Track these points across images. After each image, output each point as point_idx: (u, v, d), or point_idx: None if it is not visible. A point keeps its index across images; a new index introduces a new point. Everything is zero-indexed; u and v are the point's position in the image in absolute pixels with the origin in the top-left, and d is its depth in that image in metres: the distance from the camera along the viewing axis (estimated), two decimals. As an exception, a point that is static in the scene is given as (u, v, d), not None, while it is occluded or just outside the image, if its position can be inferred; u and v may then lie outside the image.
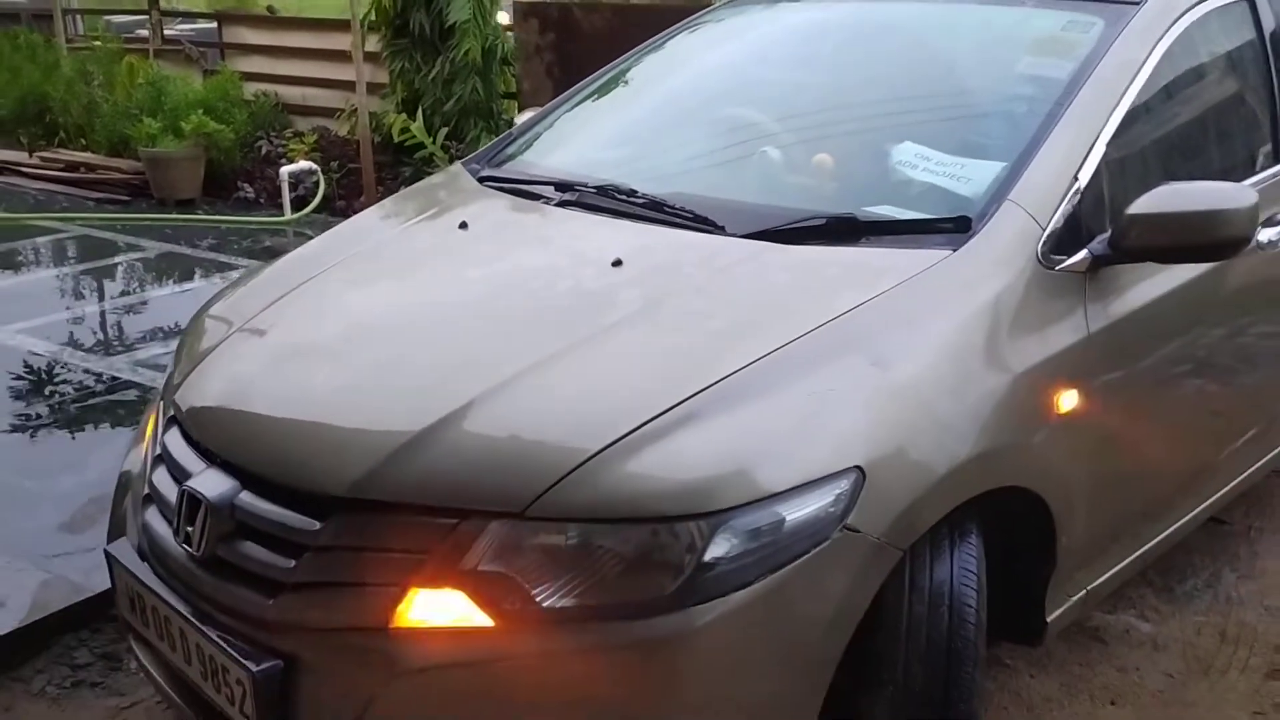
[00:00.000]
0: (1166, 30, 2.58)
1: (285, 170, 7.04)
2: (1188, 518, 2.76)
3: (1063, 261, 2.23)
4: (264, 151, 8.05)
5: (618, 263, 2.27)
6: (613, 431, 1.82)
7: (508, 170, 2.93)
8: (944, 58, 2.83)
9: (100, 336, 5.00)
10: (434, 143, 6.62)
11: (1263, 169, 2.84)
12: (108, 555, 2.25)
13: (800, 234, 2.28)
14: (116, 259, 6.24)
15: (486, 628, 1.78)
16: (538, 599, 1.76)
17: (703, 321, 2.09)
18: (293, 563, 1.88)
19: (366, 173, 7.38)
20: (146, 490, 2.23)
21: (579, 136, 3.13)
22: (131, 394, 4.24)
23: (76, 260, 6.27)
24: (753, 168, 2.70)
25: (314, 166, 7.18)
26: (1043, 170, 2.27)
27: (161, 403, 2.39)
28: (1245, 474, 2.97)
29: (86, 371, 4.47)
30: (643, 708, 1.77)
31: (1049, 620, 2.32)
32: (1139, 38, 2.54)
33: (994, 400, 2.07)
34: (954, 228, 2.22)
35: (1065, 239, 2.24)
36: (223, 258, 6.23)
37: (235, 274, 5.88)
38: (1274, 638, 2.84)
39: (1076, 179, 2.29)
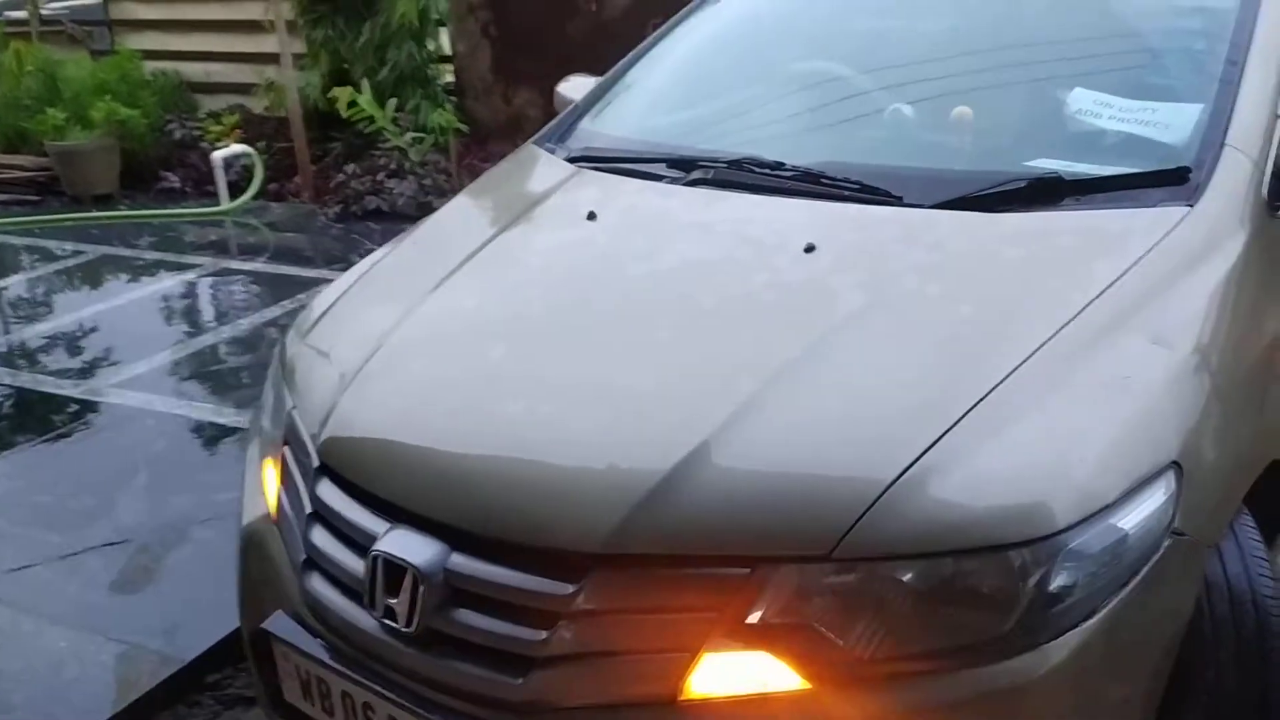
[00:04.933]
0: None
1: (219, 155, 6.52)
2: None
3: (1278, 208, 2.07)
4: (176, 136, 7.46)
5: (810, 248, 2.02)
6: (907, 452, 1.58)
7: (595, 147, 2.63)
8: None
9: (70, 354, 4.52)
10: (385, 115, 6.18)
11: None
12: (265, 634, 1.93)
13: (995, 199, 2.07)
14: (53, 267, 5.67)
15: (797, 691, 1.54)
16: (857, 652, 1.53)
17: (948, 311, 1.86)
18: (543, 633, 1.61)
19: (300, 152, 6.87)
20: (304, 555, 1.91)
21: (663, 104, 2.84)
22: (140, 421, 3.81)
23: (13, 271, 5.67)
24: (892, 127, 2.46)
25: (249, 150, 6.67)
26: (1249, 110, 2.11)
27: (288, 449, 2.06)
28: None
29: (69, 398, 4.02)
30: None
31: None
32: None
33: (1265, 369, 1.91)
34: (1171, 180, 2.04)
35: (1277, 185, 2.08)
36: (171, 256, 5.72)
37: (193, 275, 5.42)
38: None
39: (1274, 117, 2.13)
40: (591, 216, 2.30)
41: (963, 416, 1.62)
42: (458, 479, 1.77)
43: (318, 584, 1.87)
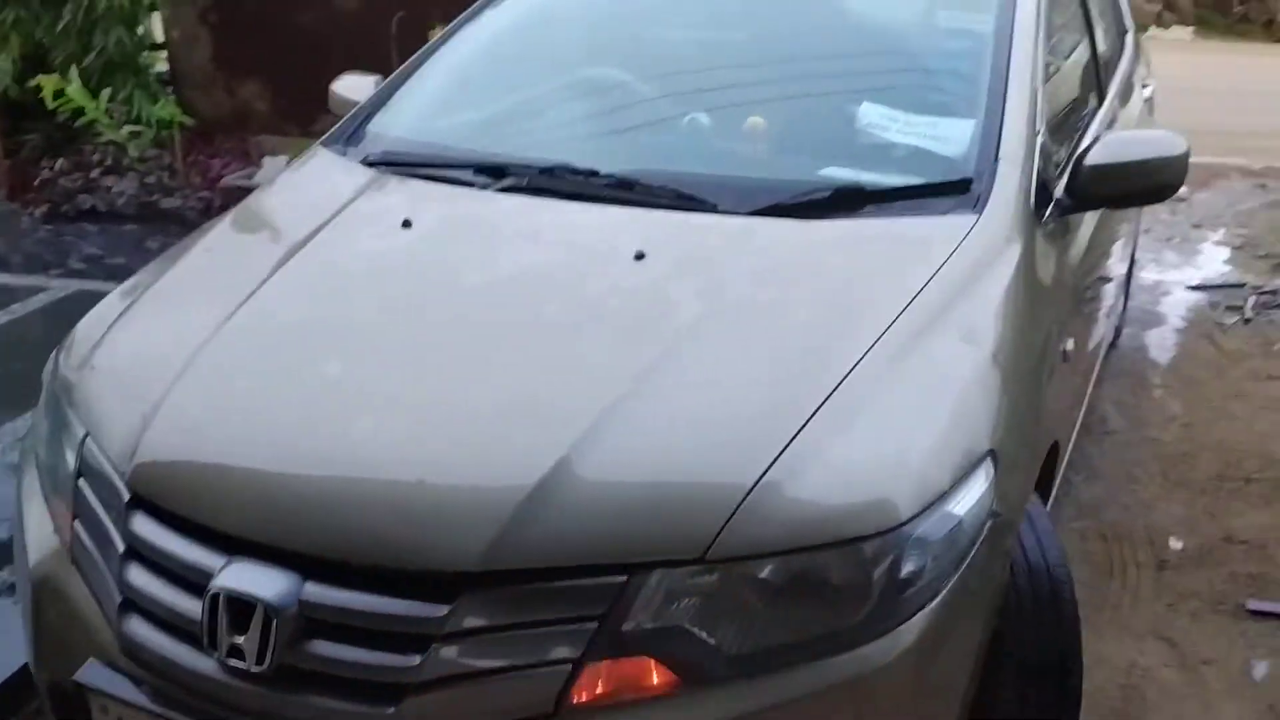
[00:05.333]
0: None
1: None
2: None
3: (1044, 214, 2.31)
4: None
5: (640, 255, 2.06)
6: (765, 454, 1.65)
7: (394, 152, 2.55)
8: (856, 13, 2.80)
9: None
10: (98, 107, 5.67)
11: (1096, 105, 3.12)
12: (77, 687, 1.75)
13: (804, 208, 2.19)
14: None
15: (675, 690, 1.58)
16: (727, 649, 1.58)
17: (782, 316, 1.95)
18: (417, 658, 1.56)
19: (-7, 148, 6.22)
20: (120, 597, 1.75)
21: (458, 105, 2.78)
22: None
23: None
24: (692, 136, 2.54)
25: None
26: (1016, 126, 2.32)
27: (83, 481, 1.88)
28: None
29: None
30: None
31: None
32: None
33: (1043, 359, 2.12)
34: (957, 190, 2.23)
35: (1039, 193, 2.32)
36: None
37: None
38: (1141, 532, 3.19)
39: (1038, 132, 2.37)
40: (407, 224, 2.23)
41: (810, 418, 1.71)
42: (308, 504, 1.68)
43: (139, 627, 1.72)
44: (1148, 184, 2.40)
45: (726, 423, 1.72)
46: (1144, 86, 4.00)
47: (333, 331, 1.99)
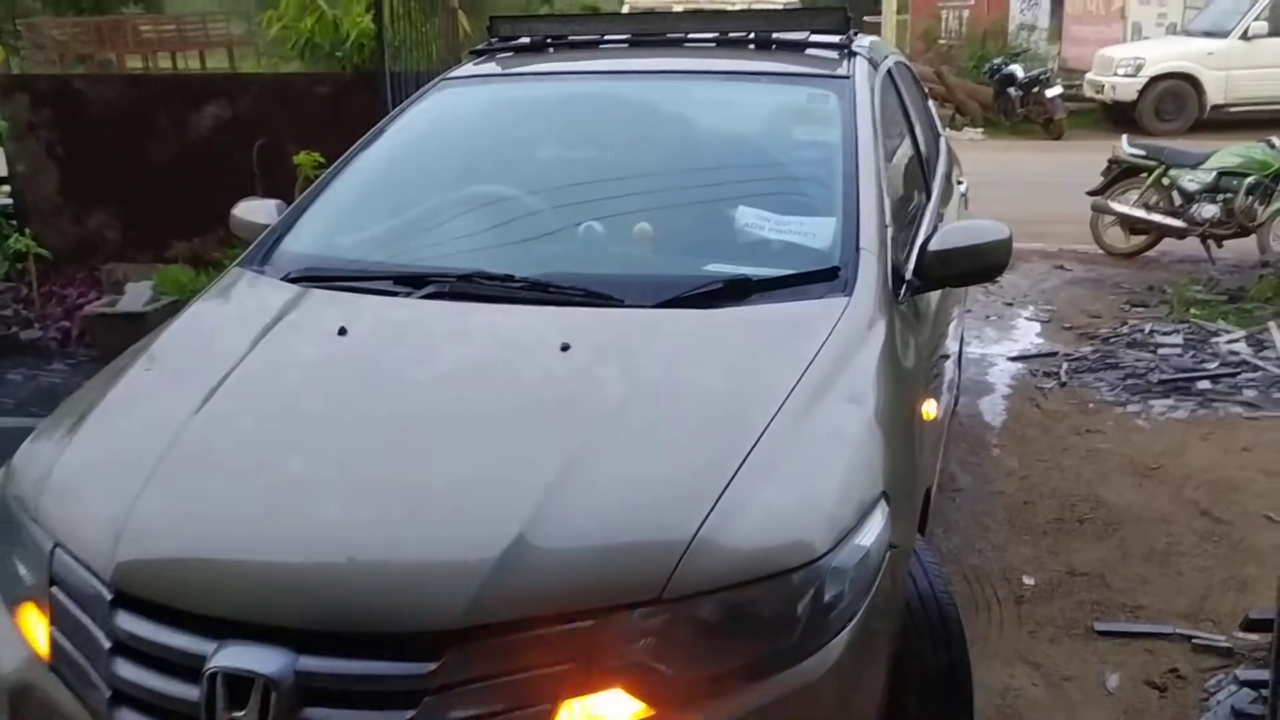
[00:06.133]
0: (870, 96, 3.17)
1: None
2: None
3: (898, 294, 2.68)
4: None
5: (566, 347, 2.31)
6: (701, 507, 1.90)
7: (314, 269, 2.74)
8: (719, 131, 3.18)
9: None
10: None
11: (924, 199, 3.58)
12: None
13: (701, 298, 2.49)
14: None
15: (645, 716, 1.80)
16: (689, 676, 1.82)
17: (699, 391, 2.22)
18: (409, 713, 1.74)
19: None
20: (110, 692, 1.86)
21: (366, 223, 3.01)
22: None
23: None
24: (590, 242, 2.83)
25: None
26: (869, 221, 2.71)
27: (56, 589, 1.98)
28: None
29: None
30: None
31: None
32: (864, 103, 3.09)
33: (911, 418, 2.46)
34: (827, 277, 2.58)
35: (894, 277, 2.69)
36: None
37: None
38: (998, 572, 3.57)
39: (887, 225, 2.76)
40: (343, 332, 2.43)
41: (735, 474, 1.98)
42: (297, 584, 1.85)
43: (133, 718, 1.84)
44: (983, 264, 2.80)
45: (663, 483, 1.98)
46: (959, 183, 4.53)
47: (289, 430, 2.17)
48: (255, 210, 3.16)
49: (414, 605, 1.79)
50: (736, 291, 2.52)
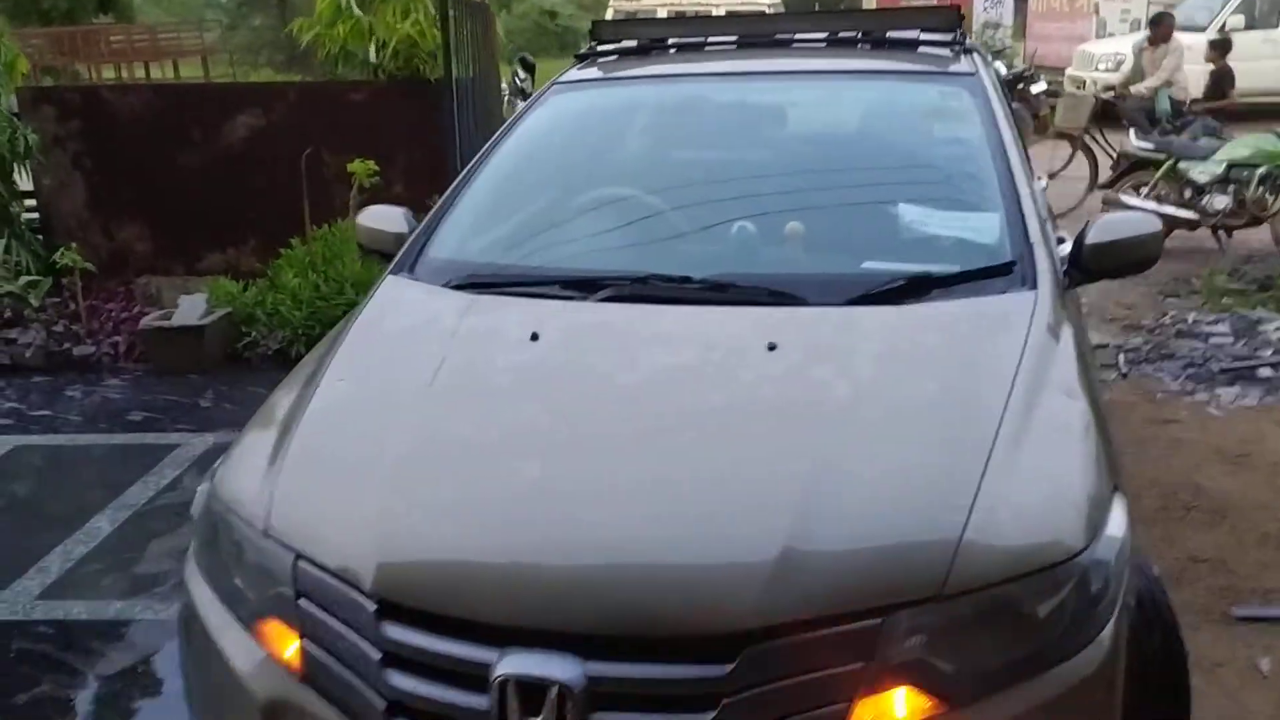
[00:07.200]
0: (997, 91, 3.20)
1: None
2: None
3: (1064, 287, 2.70)
4: None
5: (773, 346, 2.30)
6: (963, 501, 1.90)
7: (480, 275, 2.72)
8: (862, 131, 3.18)
9: None
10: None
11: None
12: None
13: (890, 295, 2.48)
14: None
15: (929, 717, 1.80)
16: (969, 672, 1.82)
17: (922, 388, 2.21)
18: (709, 715, 1.73)
19: None
20: (384, 704, 1.83)
21: (510, 229, 2.98)
22: None
23: None
24: (744, 242, 2.82)
25: None
26: (1031, 214, 2.73)
27: (305, 601, 1.94)
28: None
29: None
30: None
31: None
32: (995, 97, 3.11)
33: (1100, 409, 2.48)
34: (1002, 272, 2.59)
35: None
36: None
37: None
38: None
39: (1044, 220, 2.78)
40: (535, 337, 2.40)
41: (985, 471, 1.98)
42: (580, 588, 1.82)
43: (412, 732, 1.81)
44: (1137, 257, 2.82)
45: (917, 480, 1.97)
46: (1039, 179, 4.58)
47: (516, 434, 2.13)
48: (385, 218, 3.12)
49: (707, 607, 1.77)
50: (916, 288, 2.52)
